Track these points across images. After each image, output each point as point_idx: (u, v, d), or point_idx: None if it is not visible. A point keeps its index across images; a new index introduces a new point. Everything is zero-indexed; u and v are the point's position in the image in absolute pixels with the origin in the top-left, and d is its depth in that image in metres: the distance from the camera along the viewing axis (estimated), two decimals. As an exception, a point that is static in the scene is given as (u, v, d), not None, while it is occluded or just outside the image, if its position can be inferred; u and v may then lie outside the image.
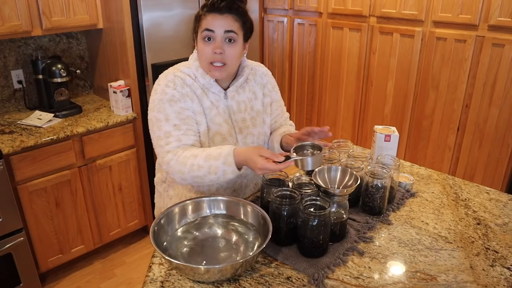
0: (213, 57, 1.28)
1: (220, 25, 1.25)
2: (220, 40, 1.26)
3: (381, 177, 1.32)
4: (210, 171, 1.21)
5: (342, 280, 1.08)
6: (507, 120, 2.33)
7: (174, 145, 1.27)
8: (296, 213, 1.17)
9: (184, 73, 1.35)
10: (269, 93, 1.51)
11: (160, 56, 2.52)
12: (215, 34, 1.26)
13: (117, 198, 2.58)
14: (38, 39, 2.52)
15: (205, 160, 1.22)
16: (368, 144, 3.07)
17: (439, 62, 2.55)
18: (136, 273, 2.53)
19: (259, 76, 1.49)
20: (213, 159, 1.21)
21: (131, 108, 2.51)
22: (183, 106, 1.30)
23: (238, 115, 1.41)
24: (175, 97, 1.30)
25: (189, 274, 1.05)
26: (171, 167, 1.26)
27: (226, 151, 1.21)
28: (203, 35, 1.27)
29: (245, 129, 1.42)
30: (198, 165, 1.22)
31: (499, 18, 2.24)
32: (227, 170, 1.21)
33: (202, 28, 1.27)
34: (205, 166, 1.21)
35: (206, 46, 1.28)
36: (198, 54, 1.32)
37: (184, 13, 2.56)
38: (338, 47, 3.08)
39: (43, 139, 2.13)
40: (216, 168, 1.21)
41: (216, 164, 1.20)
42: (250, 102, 1.44)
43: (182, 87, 1.32)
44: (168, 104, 1.29)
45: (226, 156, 1.20)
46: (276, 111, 1.54)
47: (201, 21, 1.28)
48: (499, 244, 1.23)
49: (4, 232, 2.06)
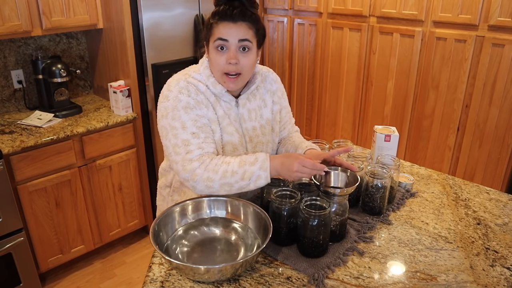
0: (228, 67, 1.24)
1: (233, 34, 1.21)
2: (234, 50, 1.22)
3: (381, 177, 1.32)
4: (244, 177, 1.18)
5: (342, 280, 1.08)
6: (507, 120, 2.33)
7: (197, 153, 1.22)
8: (296, 213, 1.17)
9: (196, 80, 1.30)
10: (278, 101, 1.47)
11: (160, 56, 2.52)
12: (229, 44, 1.22)
13: (117, 198, 2.58)
14: (38, 39, 2.52)
15: (240, 166, 1.19)
16: (368, 144, 3.07)
17: (439, 62, 2.55)
18: (136, 273, 2.53)
19: (269, 82, 1.46)
20: (248, 165, 1.19)
21: (131, 108, 2.51)
22: (199, 114, 1.26)
23: (249, 124, 1.38)
24: (190, 104, 1.25)
25: (189, 274, 1.05)
26: (197, 175, 1.20)
27: (263, 157, 1.20)
28: (216, 44, 1.23)
29: (255, 138, 1.39)
30: (232, 171, 1.19)
31: (499, 18, 2.24)
32: (262, 175, 1.18)
33: (215, 37, 1.22)
34: (239, 172, 1.18)
35: (219, 56, 1.23)
36: (211, 63, 1.28)
37: (184, 13, 2.56)
38: (338, 47, 3.08)
39: (43, 139, 2.13)
40: (251, 174, 1.18)
41: (252, 169, 1.18)
42: (260, 110, 1.41)
43: (197, 94, 1.27)
44: (184, 112, 1.24)
45: (263, 161, 1.18)
46: (285, 118, 1.52)
47: (213, 30, 1.23)
48: (499, 244, 1.23)
49: (4, 232, 2.06)
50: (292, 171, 1.15)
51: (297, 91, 3.54)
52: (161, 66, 2.51)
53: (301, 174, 1.15)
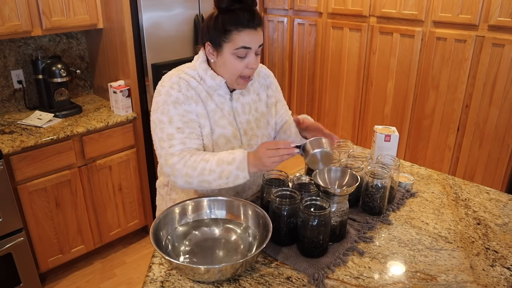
0: (247, 71, 1.28)
1: (256, 41, 1.25)
2: (254, 56, 1.26)
3: (381, 177, 1.32)
4: (222, 176, 1.20)
5: (342, 280, 1.08)
6: (507, 120, 2.33)
7: (178, 148, 1.26)
8: (296, 213, 1.17)
9: (189, 75, 1.33)
10: (273, 94, 1.51)
11: (160, 56, 2.52)
12: (251, 51, 1.25)
13: (117, 198, 2.58)
14: (38, 39, 2.52)
15: (217, 165, 1.21)
16: (368, 144, 3.07)
17: (439, 62, 2.55)
18: (136, 273, 2.53)
19: (262, 77, 1.49)
20: (226, 164, 1.20)
21: (131, 108, 2.51)
22: (187, 109, 1.29)
23: (243, 117, 1.40)
24: (179, 99, 1.28)
25: (189, 274, 1.05)
26: (176, 170, 1.24)
27: (241, 156, 1.21)
28: (239, 53, 1.24)
29: (250, 131, 1.42)
30: (209, 170, 1.21)
31: (499, 18, 2.24)
32: (240, 175, 1.20)
33: (237, 45, 1.23)
34: (217, 171, 1.20)
35: (239, 62, 1.26)
36: (224, 68, 1.29)
37: (184, 13, 2.56)
38: (338, 47, 3.08)
39: (43, 139, 2.13)
40: (229, 173, 1.20)
41: (229, 169, 1.20)
42: (255, 104, 1.44)
43: (187, 89, 1.30)
44: (172, 106, 1.28)
45: (240, 161, 1.20)
46: (281, 110, 1.55)
47: (232, 36, 1.23)
48: (499, 244, 1.23)
49: (4, 232, 2.06)
50: (262, 158, 1.16)
51: (297, 91, 3.54)
52: (161, 66, 2.51)
53: (272, 158, 1.15)
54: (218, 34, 1.25)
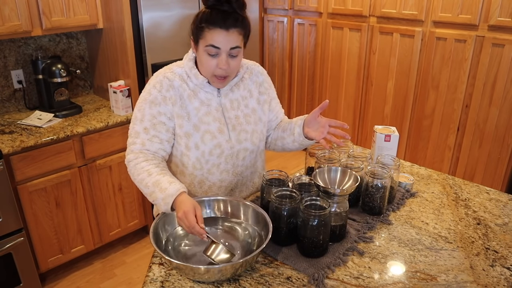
0: (217, 71, 1.28)
1: (225, 42, 1.23)
2: (225, 56, 1.26)
3: (381, 177, 1.32)
4: (151, 196, 1.24)
5: (342, 280, 1.08)
6: (507, 120, 2.33)
7: (137, 148, 1.33)
8: (296, 213, 1.17)
9: (174, 74, 1.36)
10: (266, 91, 1.51)
11: (160, 56, 2.52)
12: (221, 51, 1.25)
13: (117, 198, 2.58)
14: (38, 39, 2.52)
15: (153, 185, 1.24)
16: (368, 144, 3.07)
17: (439, 62, 2.55)
18: (136, 273, 2.53)
19: (255, 75, 1.50)
20: (158, 190, 1.22)
21: (131, 108, 2.51)
22: (161, 111, 1.33)
23: (231, 113, 1.42)
24: (157, 100, 1.33)
25: (189, 274, 1.05)
26: (128, 166, 1.33)
27: (172, 191, 1.19)
28: (209, 50, 1.26)
29: (238, 126, 1.43)
30: (145, 184, 1.25)
31: (499, 18, 2.24)
32: (162, 206, 1.21)
33: (207, 43, 1.24)
34: (150, 189, 1.24)
35: (210, 60, 1.27)
36: (200, 64, 1.32)
37: (184, 13, 2.56)
38: (338, 47, 3.08)
39: (43, 139, 2.13)
40: (155, 198, 1.22)
41: (157, 195, 1.22)
42: (245, 100, 1.45)
43: (167, 90, 1.34)
44: (148, 106, 1.34)
45: (170, 195, 1.19)
46: (276, 108, 1.56)
47: (204, 34, 1.24)
48: (499, 244, 1.23)
49: (4, 232, 2.06)
50: (176, 215, 1.16)
51: (297, 91, 3.54)
52: (161, 66, 2.46)
53: (181, 222, 1.15)
54: (195, 29, 1.28)
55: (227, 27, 1.22)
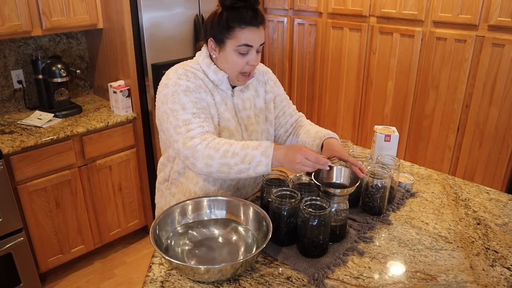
0: (247, 68, 1.31)
1: (257, 39, 1.27)
2: (255, 53, 1.29)
3: (381, 177, 1.32)
4: (244, 160, 1.16)
5: (342, 280, 1.08)
6: (507, 120, 2.33)
7: (198, 131, 1.23)
8: (296, 213, 1.17)
9: (193, 68, 1.35)
10: (271, 89, 1.52)
11: (160, 56, 2.52)
12: (253, 48, 1.28)
13: (117, 198, 2.58)
14: (38, 39, 2.52)
15: (242, 148, 1.18)
16: (368, 144, 3.07)
17: (439, 62, 2.55)
18: (136, 273, 2.53)
19: (260, 74, 1.51)
20: (251, 148, 1.17)
21: (131, 108, 2.51)
22: (198, 97, 1.29)
23: (244, 113, 1.42)
24: (189, 88, 1.28)
25: (189, 274, 1.05)
26: (197, 152, 1.19)
27: (267, 143, 1.19)
28: (241, 49, 1.27)
29: (250, 126, 1.43)
30: (233, 152, 1.17)
31: (499, 18, 2.24)
32: (263, 161, 1.16)
33: (240, 42, 1.25)
34: (240, 154, 1.17)
35: (241, 59, 1.29)
36: (226, 63, 1.31)
37: (184, 13, 2.56)
38: (338, 47, 3.08)
39: (43, 139, 2.13)
40: (252, 158, 1.16)
41: (254, 153, 1.16)
42: (253, 100, 1.46)
43: (196, 79, 1.32)
44: (184, 94, 1.26)
45: (266, 147, 1.17)
46: (281, 103, 1.55)
47: (235, 33, 1.25)
48: (499, 244, 1.23)
49: (4, 232, 2.06)
50: (294, 162, 1.14)
51: (297, 91, 3.54)
52: (161, 66, 2.51)
53: (303, 167, 1.14)
54: (222, 30, 1.26)
55: (257, 24, 1.26)
